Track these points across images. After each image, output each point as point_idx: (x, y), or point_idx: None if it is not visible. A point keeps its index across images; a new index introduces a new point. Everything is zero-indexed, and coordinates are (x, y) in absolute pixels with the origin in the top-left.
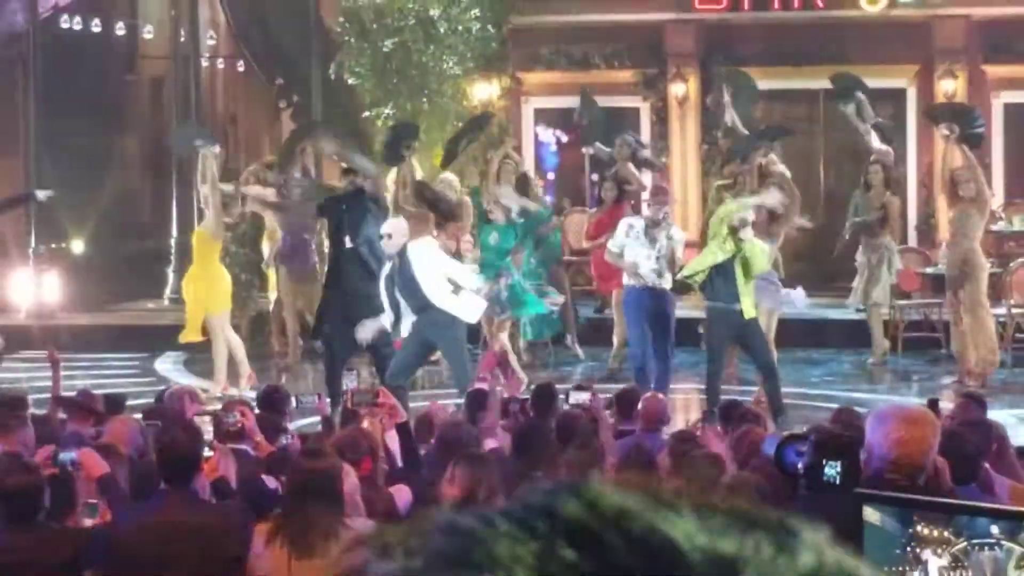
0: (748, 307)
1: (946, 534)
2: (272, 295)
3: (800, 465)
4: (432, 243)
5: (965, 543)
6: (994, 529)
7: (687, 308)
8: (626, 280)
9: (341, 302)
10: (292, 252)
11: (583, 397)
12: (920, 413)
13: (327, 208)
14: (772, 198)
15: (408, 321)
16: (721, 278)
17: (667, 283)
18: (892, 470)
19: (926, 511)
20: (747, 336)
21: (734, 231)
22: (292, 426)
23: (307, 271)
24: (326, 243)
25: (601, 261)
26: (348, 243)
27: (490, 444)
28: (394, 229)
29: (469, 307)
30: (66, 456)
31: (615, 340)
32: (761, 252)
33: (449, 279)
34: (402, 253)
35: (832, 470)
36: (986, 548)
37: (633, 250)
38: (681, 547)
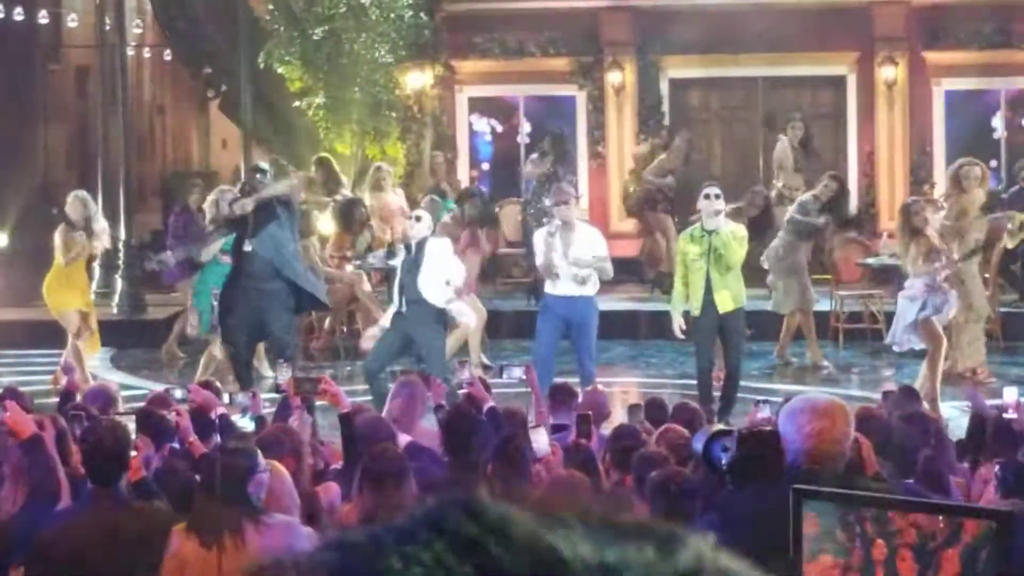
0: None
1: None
2: None
3: (725, 461)
4: (449, 245)
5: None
6: None
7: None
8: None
9: (244, 297)
10: None
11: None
12: (830, 403)
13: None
14: None
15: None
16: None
17: (588, 289)
18: (808, 461)
19: (861, 506)
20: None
21: None
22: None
23: None
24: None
25: None
26: (248, 247)
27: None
28: (424, 216)
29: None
30: None
31: None
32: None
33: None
34: (420, 244)
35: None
36: None
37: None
38: (564, 556)
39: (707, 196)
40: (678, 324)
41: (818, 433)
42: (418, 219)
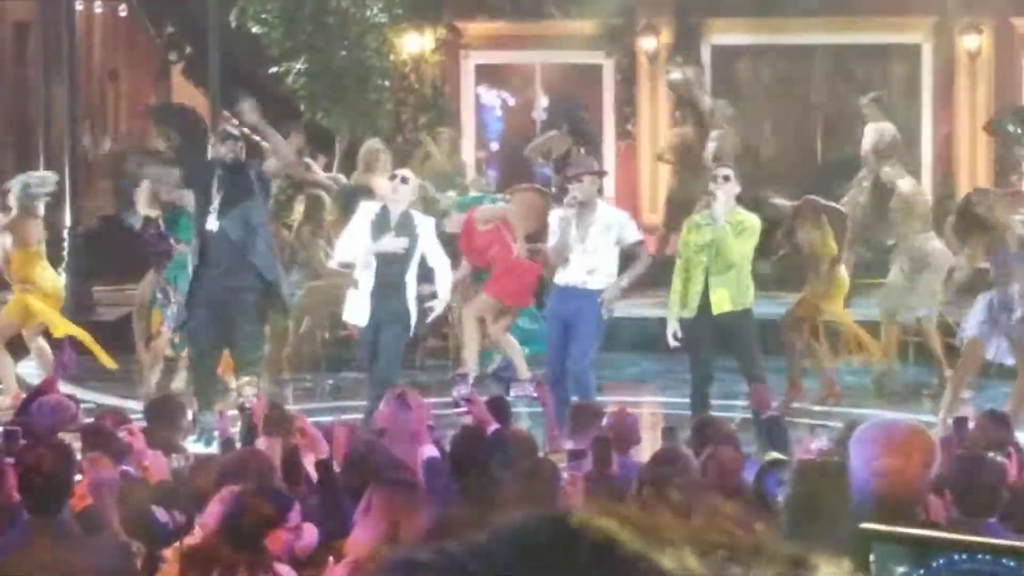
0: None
1: None
2: None
3: (780, 496)
4: (433, 225)
5: None
6: None
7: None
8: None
9: (207, 291)
10: None
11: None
12: (910, 434)
13: (194, 177)
14: None
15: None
16: None
17: (594, 282)
18: (876, 504)
19: (943, 551)
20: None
21: None
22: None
23: None
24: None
25: None
26: (214, 223)
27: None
28: (411, 178)
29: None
30: None
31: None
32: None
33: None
34: (406, 218)
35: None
36: None
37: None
38: None
39: (714, 178)
40: (672, 330)
41: (888, 471)
42: (404, 181)
